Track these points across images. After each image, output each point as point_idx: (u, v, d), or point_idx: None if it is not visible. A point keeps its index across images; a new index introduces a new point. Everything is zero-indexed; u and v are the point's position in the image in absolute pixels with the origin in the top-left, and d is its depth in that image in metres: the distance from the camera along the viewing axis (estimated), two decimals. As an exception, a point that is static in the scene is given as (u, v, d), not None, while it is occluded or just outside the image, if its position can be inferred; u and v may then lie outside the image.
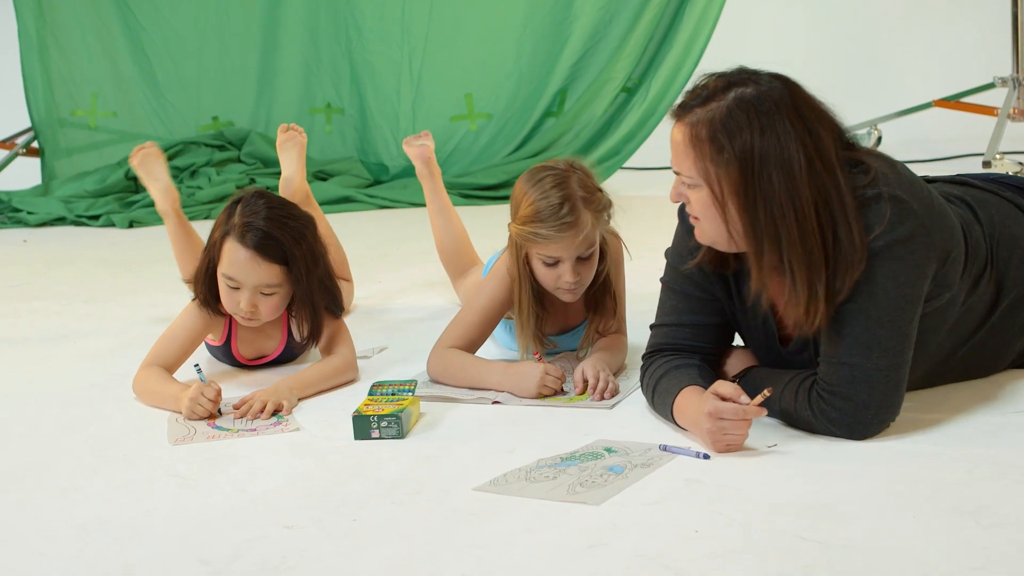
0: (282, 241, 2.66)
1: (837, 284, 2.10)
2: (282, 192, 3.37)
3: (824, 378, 2.12)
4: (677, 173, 2.16)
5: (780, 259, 2.09)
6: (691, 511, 1.87)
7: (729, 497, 1.91)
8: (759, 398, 2.09)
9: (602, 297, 2.71)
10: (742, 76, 2.11)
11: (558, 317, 2.79)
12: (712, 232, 2.16)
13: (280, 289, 2.69)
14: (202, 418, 2.50)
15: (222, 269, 2.67)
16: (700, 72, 2.18)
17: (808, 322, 2.13)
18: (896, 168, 2.16)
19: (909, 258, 2.09)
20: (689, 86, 2.18)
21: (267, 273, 2.66)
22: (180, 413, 2.54)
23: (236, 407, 2.54)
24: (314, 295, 2.71)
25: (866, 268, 2.08)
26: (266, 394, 2.55)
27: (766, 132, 2.06)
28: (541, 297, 2.68)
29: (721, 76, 2.13)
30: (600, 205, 2.58)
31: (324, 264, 2.76)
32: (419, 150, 3.39)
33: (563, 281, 2.59)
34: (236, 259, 2.64)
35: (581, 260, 2.58)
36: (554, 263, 2.58)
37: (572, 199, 2.53)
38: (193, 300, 2.76)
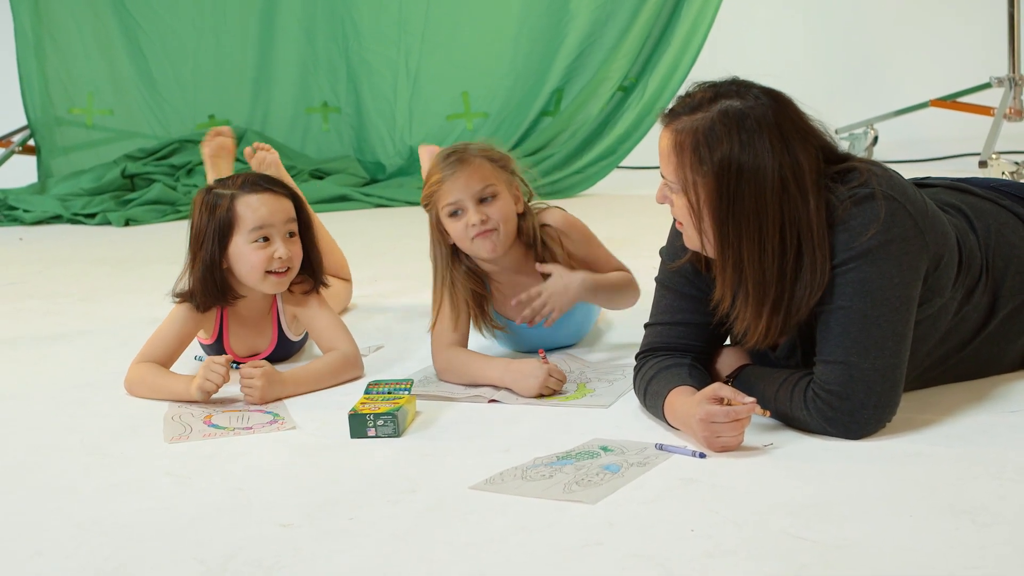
0: (279, 180, 2.82)
1: (794, 306, 2.12)
2: None
3: (821, 378, 2.12)
4: (663, 176, 2.17)
5: (739, 276, 2.11)
6: (687, 510, 1.87)
7: (725, 496, 1.91)
8: (752, 401, 2.09)
9: (550, 258, 2.74)
10: (731, 88, 2.12)
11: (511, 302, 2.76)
12: (691, 238, 2.18)
13: (296, 226, 2.76)
14: (218, 386, 2.55)
15: (248, 227, 2.69)
16: (696, 74, 2.18)
17: (749, 340, 2.18)
18: (888, 172, 2.17)
19: (904, 258, 2.09)
20: (682, 91, 2.19)
21: (287, 206, 2.74)
22: (183, 405, 2.58)
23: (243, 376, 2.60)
24: (312, 238, 2.81)
25: (861, 267, 2.09)
26: (262, 382, 2.58)
27: (745, 148, 2.07)
28: (482, 277, 2.74)
29: (712, 86, 2.14)
30: (496, 156, 2.69)
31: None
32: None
33: (471, 226, 2.62)
34: (258, 205, 2.70)
35: (484, 203, 2.63)
36: (458, 211, 2.63)
37: (462, 147, 2.69)
38: (178, 304, 2.75)
